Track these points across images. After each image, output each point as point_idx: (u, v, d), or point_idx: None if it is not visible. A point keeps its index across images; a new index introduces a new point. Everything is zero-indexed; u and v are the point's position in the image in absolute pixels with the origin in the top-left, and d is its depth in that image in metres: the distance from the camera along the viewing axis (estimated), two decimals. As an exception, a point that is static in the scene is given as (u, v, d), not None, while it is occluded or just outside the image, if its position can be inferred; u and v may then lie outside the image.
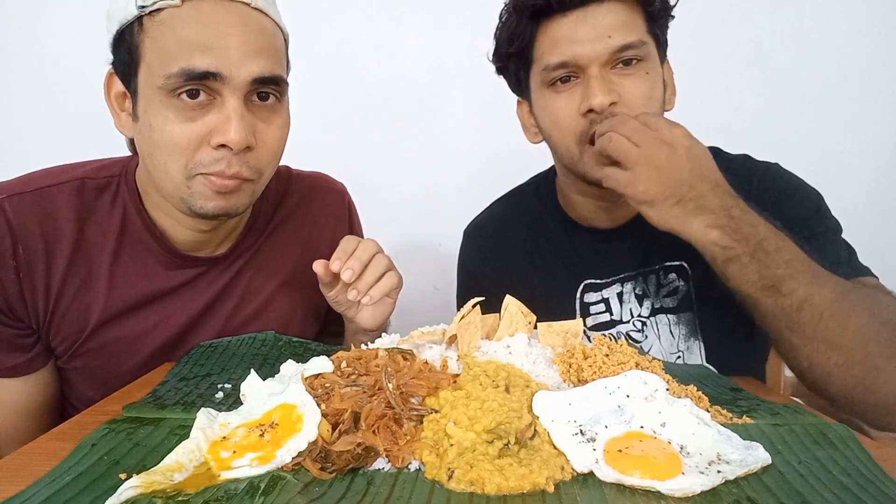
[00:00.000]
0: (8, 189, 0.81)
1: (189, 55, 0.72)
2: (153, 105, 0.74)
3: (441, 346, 0.72)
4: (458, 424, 0.54)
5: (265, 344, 0.89)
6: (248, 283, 0.95)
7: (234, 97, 0.75)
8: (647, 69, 0.90)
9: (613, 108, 0.88)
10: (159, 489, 0.47)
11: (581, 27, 0.88)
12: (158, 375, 0.77)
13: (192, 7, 0.73)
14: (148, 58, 0.74)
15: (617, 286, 1.04)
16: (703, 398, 0.66)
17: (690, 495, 0.47)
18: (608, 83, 0.89)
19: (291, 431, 0.53)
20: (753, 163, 1.02)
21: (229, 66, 0.73)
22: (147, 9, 0.72)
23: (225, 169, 0.76)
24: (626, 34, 0.88)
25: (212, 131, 0.75)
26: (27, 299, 0.81)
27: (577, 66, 0.90)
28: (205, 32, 0.73)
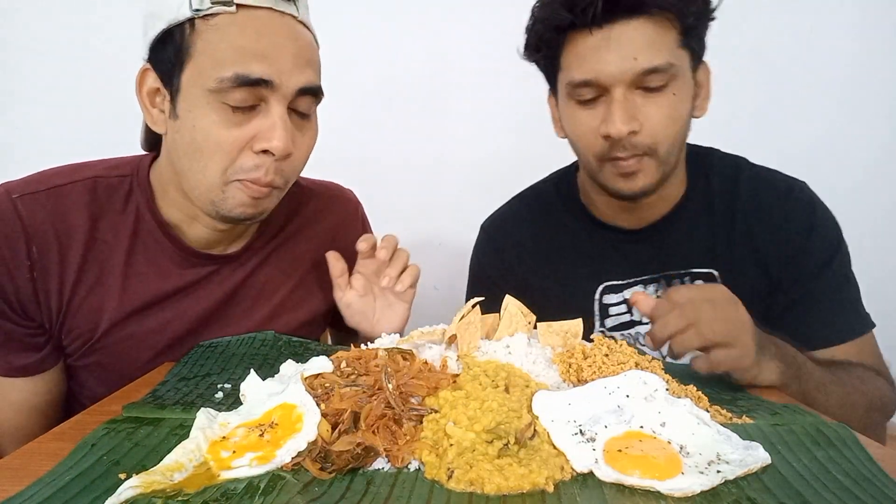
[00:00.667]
0: (20, 188, 0.81)
1: (245, 62, 0.73)
2: (199, 106, 0.75)
3: (441, 346, 0.72)
4: (457, 424, 0.54)
5: (265, 344, 0.89)
6: (263, 283, 0.96)
7: (280, 105, 0.76)
8: (674, 90, 0.88)
9: (631, 138, 0.87)
10: (159, 489, 0.47)
11: (606, 46, 0.85)
12: (158, 375, 0.77)
13: (246, 16, 0.74)
14: (198, 59, 0.74)
15: (639, 287, 1.03)
16: (702, 398, 0.66)
17: (690, 495, 0.47)
18: (630, 109, 0.87)
19: (291, 431, 0.53)
20: (782, 182, 1.01)
21: (280, 75, 0.75)
22: (202, 12, 0.73)
23: (262, 176, 0.78)
24: (654, 56, 0.85)
25: (255, 137, 0.76)
26: (40, 299, 0.81)
27: (600, 85, 0.88)
28: (261, 42, 0.74)
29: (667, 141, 0.90)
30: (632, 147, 0.89)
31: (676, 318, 0.71)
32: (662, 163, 0.91)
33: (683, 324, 0.71)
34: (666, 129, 0.89)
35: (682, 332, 0.71)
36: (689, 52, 0.90)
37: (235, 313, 0.93)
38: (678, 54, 0.88)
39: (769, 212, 0.98)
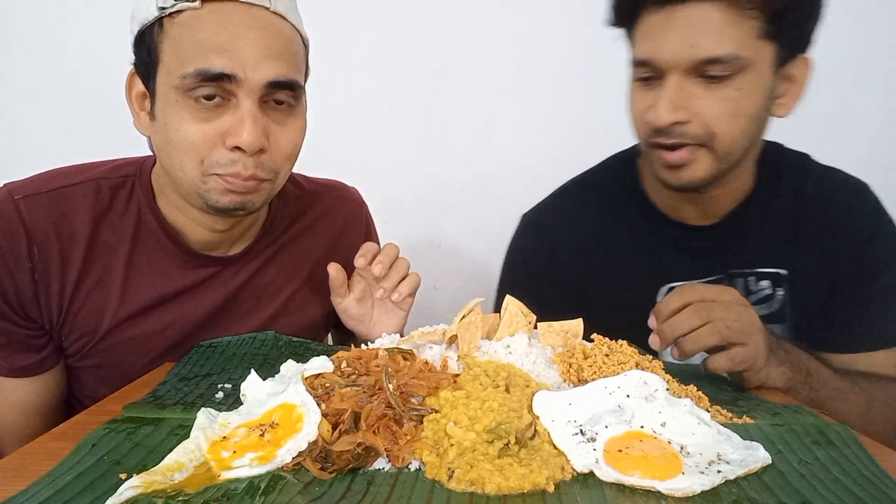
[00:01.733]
0: (23, 189, 0.81)
1: (205, 56, 0.72)
2: (170, 104, 0.75)
3: (441, 346, 0.72)
4: (458, 424, 0.54)
5: (265, 344, 0.89)
6: (266, 285, 0.95)
7: (248, 100, 0.75)
8: (741, 84, 0.80)
9: (679, 128, 0.82)
10: (159, 489, 0.47)
11: (668, 27, 0.80)
12: (158, 375, 0.77)
13: (211, 10, 0.74)
14: (166, 58, 0.75)
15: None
16: (703, 398, 0.66)
17: (690, 495, 0.47)
18: (683, 98, 0.81)
19: (291, 431, 0.53)
20: (846, 182, 0.99)
21: (244, 68, 0.74)
22: (167, 10, 0.73)
23: (241, 171, 0.77)
24: (717, 44, 0.78)
25: (226, 132, 0.75)
26: (41, 301, 0.81)
27: (658, 68, 0.83)
28: (222, 34, 0.73)
29: (727, 136, 0.83)
30: (679, 136, 0.83)
31: (690, 316, 0.70)
32: (720, 158, 0.85)
33: (698, 322, 0.70)
34: (726, 123, 0.82)
35: (696, 329, 0.70)
36: (776, 45, 0.81)
37: (237, 315, 0.93)
38: (754, 46, 0.80)
39: (836, 212, 0.96)
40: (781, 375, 0.75)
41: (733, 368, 0.70)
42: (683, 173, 0.86)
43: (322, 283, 0.97)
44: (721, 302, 0.72)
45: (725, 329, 0.69)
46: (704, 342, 0.70)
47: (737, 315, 0.71)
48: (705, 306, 0.71)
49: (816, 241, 0.96)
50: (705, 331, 0.69)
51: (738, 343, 0.70)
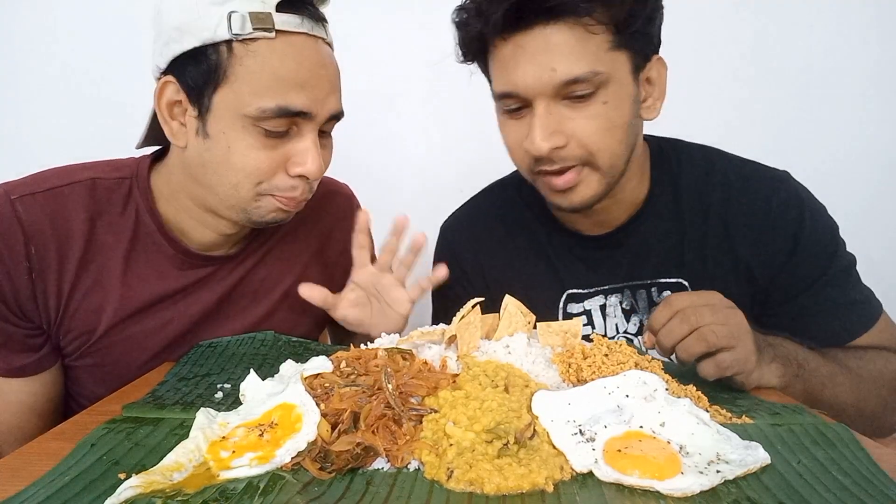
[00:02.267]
0: (19, 189, 0.81)
1: (286, 93, 0.75)
2: (235, 129, 0.76)
3: (440, 346, 0.72)
4: (457, 424, 0.54)
5: (265, 344, 0.89)
6: (261, 281, 0.96)
7: (312, 132, 0.79)
8: (605, 97, 0.80)
9: (559, 153, 0.82)
10: (159, 489, 0.47)
11: (522, 56, 0.79)
12: (158, 375, 0.77)
13: (285, 42, 0.75)
14: (236, 84, 0.74)
15: (600, 298, 0.97)
16: (702, 398, 0.66)
17: (690, 495, 0.47)
18: (554, 123, 0.80)
19: (291, 431, 0.53)
20: (763, 177, 0.94)
21: (317, 104, 0.78)
22: (241, 36, 0.73)
23: (299, 196, 0.82)
24: (574, 65, 0.77)
25: (289, 160, 0.79)
26: (38, 300, 0.81)
27: (522, 98, 0.82)
28: (301, 72, 0.76)
29: (607, 150, 0.83)
30: (561, 160, 0.83)
31: (679, 325, 0.70)
32: (605, 174, 0.85)
33: (687, 330, 0.70)
34: (601, 139, 0.81)
35: (685, 337, 0.70)
36: (629, 53, 0.81)
37: (234, 312, 0.94)
38: (609, 58, 0.79)
39: (748, 210, 0.92)
40: (775, 372, 0.75)
41: (722, 374, 0.70)
42: (574, 195, 0.86)
43: (317, 277, 0.97)
44: (708, 306, 0.71)
45: (712, 335, 0.69)
46: (693, 350, 0.69)
47: (723, 318, 0.70)
48: (693, 311, 0.70)
49: (726, 245, 0.93)
50: (691, 339, 0.69)
51: (726, 347, 0.69)
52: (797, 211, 0.91)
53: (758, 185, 0.93)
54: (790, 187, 0.93)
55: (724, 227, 0.93)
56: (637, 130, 0.89)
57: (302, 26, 0.76)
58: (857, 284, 0.93)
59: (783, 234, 0.90)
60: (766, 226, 0.91)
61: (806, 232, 0.90)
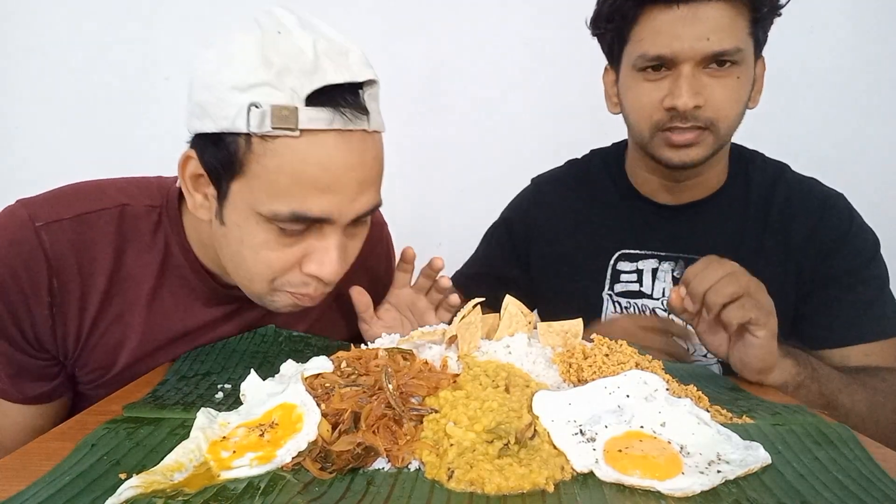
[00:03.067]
0: (45, 213, 0.76)
1: (303, 198, 0.66)
2: (249, 224, 0.69)
3: (441, 346, 0.72)
4: (457, 424, 0.54)
5: (265, 340, 0.88)
6: (286, 316, 0.91)
7: (336, 234, 0.71)
8: (738, 73, 0.91)
9: (694, 112, 0.90)
10: (159, 489, 0.47)
11: (683, 23, 0.88)
12: (158, 375, 0.77)
13: (310, 141, 0.65)
14: (252, 180, 0.67)
15: (654, 261, 1.05)
16: (702, 398, 0.66)
17: (690, 495, 0.47)
18: (697, 85, 0.90)
19: (291, 431, 0.53)
20: (820, 191, 1.03)
21: (341, 208, 0.69)
22: (260, 134, 0.65)
23: (312, 293, 0.75)
24: (726, 39, 0.88)
25: (306, 257, 0.72)
26: (58, 333, 0.78)
27: (671, 60, 0.91)
28: (325, 177, 0.66)
29: (728, 119, 0.93)
30: (693, 119, 0.91)
31: (714, 270, 0.75)
32: (718, 140, 0.94)
33: (721, 273, 0.74)
34: (728, 108, 0.92)
35: (735, 299, 0.73)
36: (755, 43, 0.93)
37: None
38: (746, 41, 0.91)
39: (804, 218, 1.00)
40: (789, 367, 0.78)
41: (745, 316, 0.72)
42: (690, 151, 0.94)
43: (341, 310, 0.95)
44: (749, 277, 0.76)
45: (744, 278, 0.74)
46: (726, 290, 0.73)
47: (748, 277, 0.75)
48: (744, 276, 0.75)
49: (782, 243, 1.00)
50: (725, 280, 0.74)
51: (753, 296, 0.73)
52: (847, 216, 1.00)
53: (816, 196, 1.02)
54: (842, 203, 1.03)
55: (782, 227, 1.01)
56: (744, 113, 0.97)
57: (333, 123, 0.65)
58: (886, 297, 0.98)
59: (831, 232, 0.98)
60: (818, 225, 0.99)
61: (851, 234, 0.98)
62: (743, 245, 1.02)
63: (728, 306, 0.73)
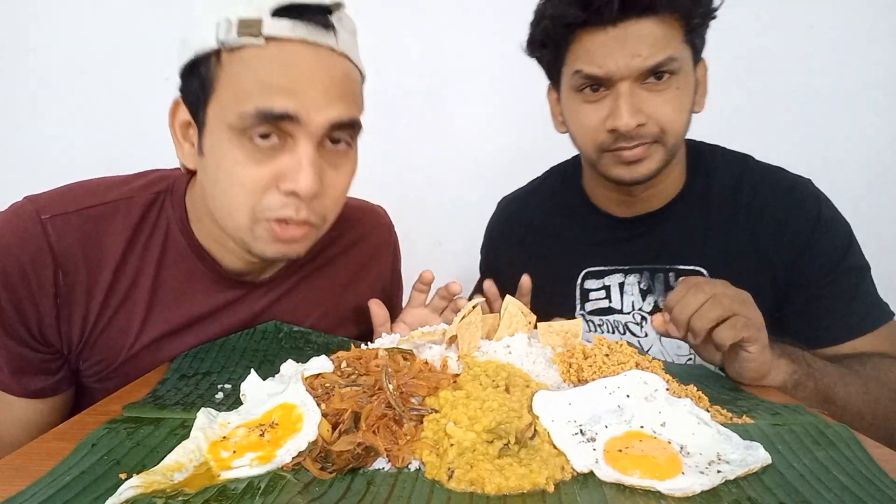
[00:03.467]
0: (51, 207, 0.77)
1: (268, 96, 0.69)
2: (222, 143, 0.71)
3: (441, 346, 0.72)
4: (458, 424, 0.54)
5: (265, 336, 0.88)
6: (291, 310, 0.92)
7: (307, 142, 0.71)
8: (678, 83, 0.91)
9: (637, 130, 0.90)
10: (159, 489, 0.47)
11: (615, 43, 0.88)
12: (158, 375, 0.77)
13: (276, 49, 0.69)
14: (222, 93, 0.71)
15: (619, 276, 1.04)
16: (702, 398, 0.66)
17: (690, 495, 0.47)
18: (637, 102, 0.90)
19: (291, 431, 0.53)
20: (789, 183, 1.01)
21: (308, 110, 0.70)
22: (228, 45, 0.69)
23: (293, 214, 0.73)
24: (660, 52, 0.88)
25: (281, 176, 0.72)
26: (62, 328, 0.78)
27: (607, 80, 0.90)
28: (287, 75, 0.69)
29: (674, 130, 0.93)
30: (639, 137, 0.91)
31: (694, 295, 0.74)
32: (668, 151, 0.94)
33: (703, 298, 0.73)
34: (672, 120, 0.92)
35: (701, 306, 0.73)
36: (691, 49, 0.93)
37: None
38: (681, 50, 0.90)
39: (772, 210, 0.99)
40: (785, 367, 0.77)
41: (736, 336, 0.71)
42: (640, 167, 0.94)
43: (347, 310, 0.95)
44: (721, 283, 0.76)
45: (726, 298, 0.73)
46: (709, 315, 0.72)
47: (735, 292, 0.75)
48: (707, 283, 0.75)
49: (751, 241, 0.99)
50: (707, 305, 0.73)
51: (739, 313, 0.72)
52: (815, 206, 0.98)
53: (781, 186, 1.00)
54: (809, 190, 1.01)
55: (749, 223, 0.99)
56: (690, 120, 0.98)
57: (295, 31, 0.69)
58: (868, 287, 0.97)
59: (801, 225, 0.96)
60: (786, 217, 0.98)
61: (822, 226, 0.96)
62: (708, 248, 1.00)
63: (716, 329, 0.72)
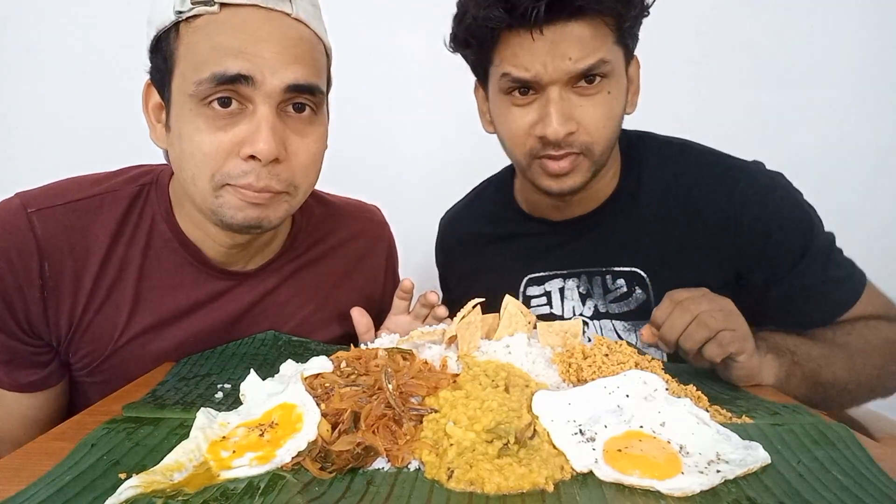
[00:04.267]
0: (37, 201, 0.78)
1: (221, 59, 0.70)
2: (184, 114, 0.72)
3: (441, 346, 0.72)
4: (457, 424, 0.54)
5: (265, 344, 0.88)
6: (282, 304, 0.93)
7: (265, 105, 0.72)
8: (609, 87, 0.87)
9: (567, 138, 0.86)
10: (159, 489, 0.47)
11: (543, 46, 0.83)
12: (158, 375, 0.77)
13: (230, 14, 0.71)
14: (181, 65, 0.72)
15: (559, 281, 1.03)
16: (702, 398, 0.66)
17: (690, 495, 0.47)
18: (567, 108, 0.85)
19: (291, 431, 0.53)
20: (727, 170, 0.95)
21: (262, 71, 0.71)
22: (184, 14, 0.70)
23: (254, 182, 0.73)
24: (589, 56, 0.83)
25: (241, 141, 0.72)
26: (50, 319, 0.79)
27: (536, 84, 0.86)
28: (239, 38, 0.70)
29: (602, 140, 0.89)
30: (567, 146, 0.87)
31: (680, 316, 0.73)
32: (595, 162, 0.90)
33: (688, 319, 0.72)
34: (602, 128, 0.88)
35: (688, 326, 0.72)
36: (623, 49, 0.89)
37: (250, 331, 0.90)
38: (613, 52, 0.86)
39: (711, 200, 0.93)
40: (772, 364, 0.78)
41: (725, 352, 0.72)
42: (567, 180, 0.91)
43: (338, 307, 0.95)
44: (705, 297, 0.75)
45: (711, 319, 0.72)
46: (696, 337, 0.72)
47: (719, 305, 0.74)
48: (692, 301, 0.74)
49: (689, 237, 0.94)
50: (693, 326, 0.72)
51: (726, 328, 0.72)
52: (760, 198, 0.92)
53: (722, 176, 0.95)
54: (752, 176, 0.94)
55: (687, 218, 0.95)
56: (621, 124, 0.94)
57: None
58: (838, 261, 0.93)
59: (751, 222, 0.91)
60: (730, 214, 0.92)
61: (775, 218, 0.91)
62: (643, 247, 0.97)
63: (704, 347, 0.72)
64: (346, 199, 1.07)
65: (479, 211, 1.17)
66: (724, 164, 0.96)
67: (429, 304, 0.90)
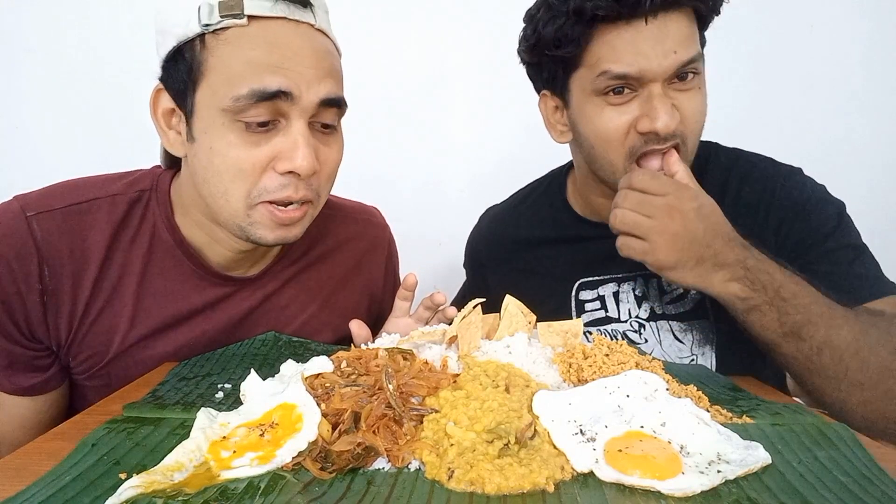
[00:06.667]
0: (36, 205, 0.77)
1: (259, 75, 0.69)
2: (215, 127, 0.71)
3: (441, 346, 0.72)
4: (458, 424, 0.54)
5: (265, 344, 0.89)
6: (283, 307, 0.92)
7: (300, 121, 0.73)
8: (699, 83, 0.88)
9: (674, 130, 0.85)
10: (159, 489, 0.47)
11: (647, 39, 0.82)
12: (158, 375, 0.77)
13: (260, 27, 0.71)
14: (211, 77, 0.71)
15: (613, 285, 1.02)
16: (703, 398, 0.66)
17: (690, 495, 0.47)
18: (670, 102, 0.85)
19: (291, 431, 0.53)
20: (776, 169, 0.98)
21: (300, 86, 0.71)
22: (212, 27, 0.70)
23: (293, 194, 0.74)
24: (690, 48, 0.84)
25: (277, 157, 0.73)
26: (50, 322, 0.78)
27: (638, 79, 0.84)
28: (276, 53, 0.70)
29: (695, 133, 0.89)
30: (671, 138, 0.87)
31: (621, 198, 0.81)
32: (687, 156, 0.90)
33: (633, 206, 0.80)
34: (698, 121, 0.89)
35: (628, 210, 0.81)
36: (703, 47, 0.90)
37: (251, 335, 0.90)
38: (699, 48, 0.87)
39: (756, 200, 0.95)
40: (725, 289, 0.79)
41: (625, 253, 0.81)
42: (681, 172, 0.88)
43: (339, 309, 0.95)
44: (650, 194, 0.80)
45: (614, 218, 0.81)
46: (612, 223, 0.82)
47: (649, 211, 0.79)
48: (630, 194, 0.81)
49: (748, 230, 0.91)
50: (611, 215, 0.82)
51: (635, 236, 0.77)
52: (800, 189, 0.94)
53: (771, 178, 0.96)
54: (799, 177, 0.97)
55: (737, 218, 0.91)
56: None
57: (276, 10, 0.71)
58: (868, 260, 0.90)
59: (787, 207, 0.93)
60: (770, 203, 0.94)
61: (807, 205, 0.92)
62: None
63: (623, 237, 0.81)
64: (346, 201, 1.07)
65: (526, 213, 1.16)
66: (773, 168, 0.99)
67: (436, 304, 0.89)
